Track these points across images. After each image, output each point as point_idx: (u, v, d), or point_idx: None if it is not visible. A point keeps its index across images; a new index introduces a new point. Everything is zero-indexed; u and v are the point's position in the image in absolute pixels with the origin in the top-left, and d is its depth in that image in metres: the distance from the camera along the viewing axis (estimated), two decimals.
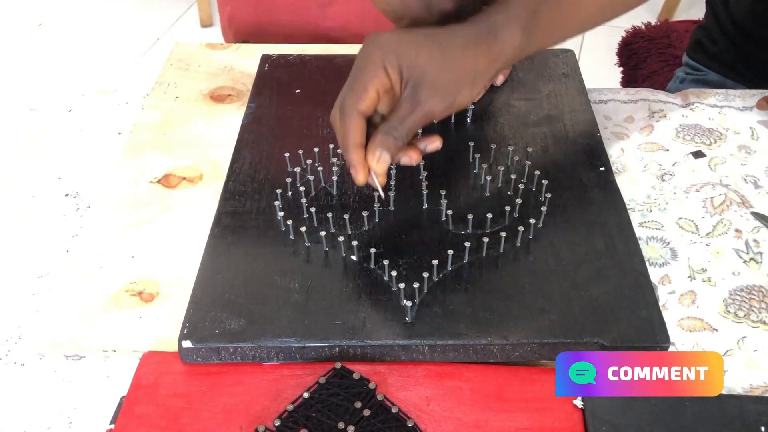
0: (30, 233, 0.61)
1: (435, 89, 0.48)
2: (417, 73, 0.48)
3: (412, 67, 0.48)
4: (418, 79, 0.48)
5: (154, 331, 0.52)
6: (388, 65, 0.47)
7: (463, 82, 0.49)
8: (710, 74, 0.97)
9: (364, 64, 0.48)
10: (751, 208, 0.61)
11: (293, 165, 0.62)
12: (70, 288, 0.55)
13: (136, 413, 0.46)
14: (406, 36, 0.49)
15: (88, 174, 0.66)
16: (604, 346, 0.48)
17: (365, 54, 0.48)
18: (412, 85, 0.48)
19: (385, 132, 0.49)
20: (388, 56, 0.47)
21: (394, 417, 0.45)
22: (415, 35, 0.49)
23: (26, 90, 1.74)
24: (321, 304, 0.51)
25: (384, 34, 0.48)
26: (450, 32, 0.49)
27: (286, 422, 0.45)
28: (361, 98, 0.48)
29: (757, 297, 0.54)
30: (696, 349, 0.51)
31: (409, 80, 0.48)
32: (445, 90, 0.49)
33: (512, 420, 0.46)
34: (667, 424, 0.44)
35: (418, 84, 0.48)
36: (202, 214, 0.60)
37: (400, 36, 0.49)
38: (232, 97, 0.74)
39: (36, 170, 0.67)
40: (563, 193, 0.59)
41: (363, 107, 0.48)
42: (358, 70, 0.48)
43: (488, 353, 0.49)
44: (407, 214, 0.58)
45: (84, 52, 2.18)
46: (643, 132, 0.70)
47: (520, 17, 0.50)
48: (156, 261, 0.57)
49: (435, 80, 0.48)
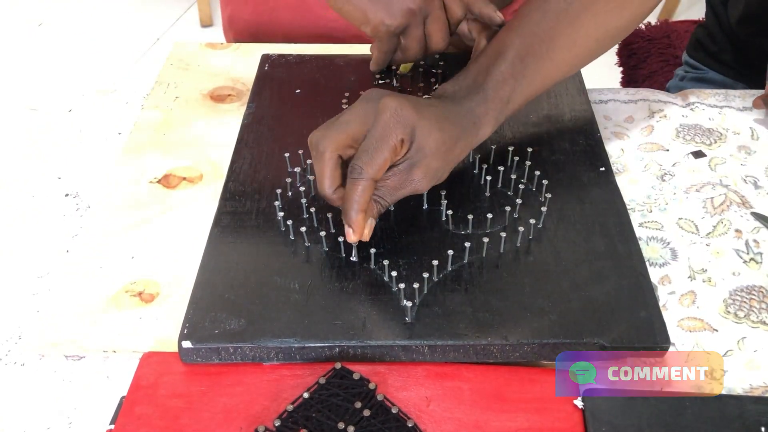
0: (30, 233, 0.61)
1: (427, 172, 0.51)
2: (420, 153, 0.50)
3: (419, 148, 0.50)
4: (417, 158, 0.51)
5: (154, 331, 0.52)
6: (406, 140, 0.50)
7: (447, 169, 0.54)
8: (710, 73, 0.97)
9: (387, 136, 0.49)
10: (751, 209, 0.61)
11: (293, 165, 0.62)
12: (70, 288, 0.55)
13: (136, 413, 0.46)
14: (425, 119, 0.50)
15: (88, 174, 0.66)
16: (604, 346, 0.48)
17: (388, 126, 0.49)
18: (410, 162, 0.51)
19: (375, 201, 0.51)
20: (407, 132, 0.49)
21: (394, 417, 0.45)
22: (429, 118, 0.51)
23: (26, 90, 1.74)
24: (321, 305, 0.51)
25: (406, 108, 0.49)
26: (450, 121, 0.52)
27: (286, 422, 0.45)
28: (381, 169, 0.50)
29: (757, 297, 0.54)
30: (696, 349, 0.51)
31: (410, 157, 0.51)
32: (434, 174, 0.52)
33: (512, 420, 0.46)
34: (667, 424, 0.44)
35: (415, 164, 0.51)
36: (202, 214, 0.60)
37: (421, 115, 0.50)
38: (232, 97, 0.74)
39: (36, 170, 0.67)
40: (563, 193, 0.59)
41: (378, 176, 0.50)
42: (380, 140, 0.49)
43: (488, 353, 0.49)
44: (407, 214, 0.58)
45: (84, 52, 2.18)
46: (643, 132, 0.70)
47: (496, 109, 0.55)
48: (156, 261, 0.57)
49: (431, 164, 0.51)
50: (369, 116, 0.50)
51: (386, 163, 0.49)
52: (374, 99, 0.51)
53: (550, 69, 0.58)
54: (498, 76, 0.55)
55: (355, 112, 0.51)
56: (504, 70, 0.55)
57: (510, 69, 0.55)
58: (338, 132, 0.50)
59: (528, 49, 0.56)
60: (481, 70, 0.56)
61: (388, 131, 0.49)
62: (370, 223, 0.51)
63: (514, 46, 0.56)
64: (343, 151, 0.51)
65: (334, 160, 0.51)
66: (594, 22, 0.58)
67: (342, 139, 0.50)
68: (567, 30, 0.57)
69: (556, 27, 0.57)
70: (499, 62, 0.55)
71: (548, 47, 0.57)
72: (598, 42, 0.60)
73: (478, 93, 0.54)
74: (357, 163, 0.49)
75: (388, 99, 0.50)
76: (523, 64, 0.56)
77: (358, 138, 0.50)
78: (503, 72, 0.55)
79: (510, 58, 0.55)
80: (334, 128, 0.51)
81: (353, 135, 0.50)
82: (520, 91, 0.56)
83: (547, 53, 0.57)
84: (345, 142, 0.51)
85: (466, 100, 0.54)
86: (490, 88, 0.55)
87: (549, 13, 0.57)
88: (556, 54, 0.57)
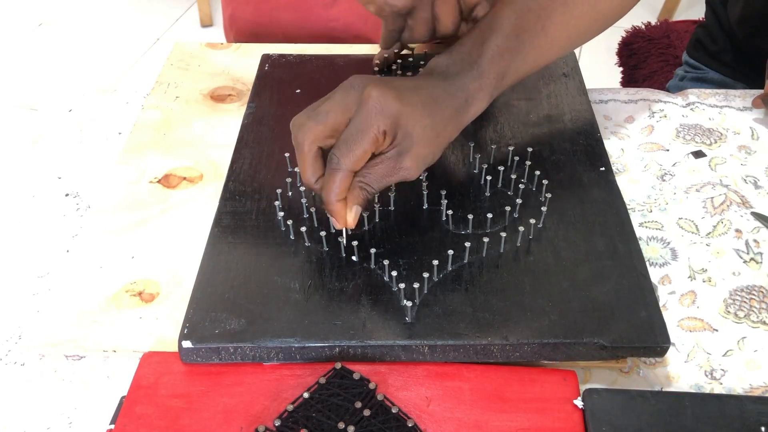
0: (30, 233, 0.61)
1: (417, 159, 0.50)
2: (407, 141, 0.50)
3: (406, 136, 0.49)
4: (405, 146, 0.50)
5: (154, 331, 0.52)
6: (389, 131, 0.49)
7: (438, 153, 0.53)
8: (710, 73, 0.97)
9: (367, 128, 0.48)
10: (751, 209, 0.61)
11: (293, 165, 0.62)
12: (70, 288, 0.55)
13: (136, 413, 0.46)
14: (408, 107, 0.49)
15: (88, 174, 0.66)
16: (604, 346, 0.48)
17: (369, 118, 0.48)
18: (398, 150, 0.50)
19: (361, 188, 0.50)
20: (389, 123, 0.48)
21: (394, 417, 0.45)
22: (415, 104, 0.50)
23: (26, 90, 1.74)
24: (321, 305, 0.51)
25: (389, 98, 0.48)
26: (439, 103, 0.51)
27: (286, 422, 0.45)
28: (359, 161, 0.49)
29: (757, 297, 0.54)
30: (696, 349, 0.51)
31: (397, 145, 0.50)
32: (424, 159, 0.51)
33: (512, 420, 0.46)
34: (667, 424, 0.44)
35: (403, 151, 0.50)
36: (202, 214, 0.60)
37: (404, 104, 0.49)
38: (232, 97, 0.74)
39: (36, 170, 0.67)
40: (563, 193, 0.59)
41: (357, 168, 0.49)
42: (360, 132, 0.48)
43: (488, 353, 0.49)
44: (407, 214, 0.58)
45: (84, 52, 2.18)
46: (643, 132, 0.70)
47: (490, 85, 0.54)
48: (156, 261, 0.57)
49: (419, 151, 0.50)
50: (350, 106, 0.49)
51: (365, 155, 0.49)
52: (356, 87, 0.49)
53: (545, 45, 0.57)
54: (493, 50, 0.54)
55: (335, 101, 0.50)
56: (500, 44, 0.54)
57: (505, 43, 0.54)
58: (317, 123, 0.49)
59: (523, 24, 0.55)
60: (475, 44, 0.55)
61: (370, 122, 0.48)
62: (355, 210, 0.51)
63: (509, 20, 0.55)
64: (323, 141, 0.50)
65: (313, 152, 0.50)
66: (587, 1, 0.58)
67: (320, 130, 0.49)
68: (561, 7, 0.57)
69: (551, 4, 0.56)
70: (495, 36, 0.54)
71: (543, 24, 0.56)
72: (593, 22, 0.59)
73: (472, 68, 0.53)
74: (335, 152, 0.49)
75: (371, 88, 0.48)
76: (518, 39, 0.55)
77: (338, 128, 0.49)
78: (499, 46, 0.54)
79: (505, 32, 0.55)
80: (313, 118, 0.50)
81: (333, 126, 0.49)
82: (515, 67, 0.55)
83: (543, 29, 0.56)
84: (323, 134, 0.50)
85: (459, 76, 0.53)
86: (485, 62, 0.53)
87: None
88: (551, 30, 0.56)
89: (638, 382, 0.50)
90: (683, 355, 0.51)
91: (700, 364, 0.50)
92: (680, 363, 0.51)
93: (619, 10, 0.62)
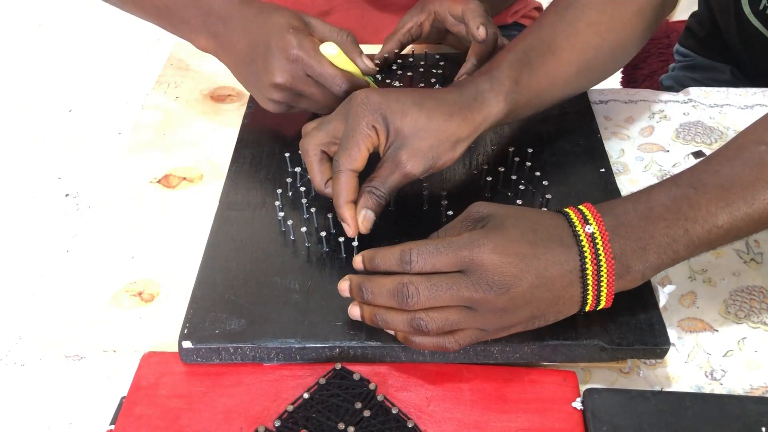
0: (30, 233, 0.61)
1: (415, 153, 0.52)
2: (400, 136, 0.52)
3: (397, 131, 0.51)
4: (400, 142, 0.52)
5: (154, 331, 0.52)
6: (378, 126, 0.51)
7: (443, 147, 0.53)
8: (698, 59, 0.97)
9: (356, 125, 0.51)
10: None
11: (293, 165, 0.62)
12: (70, 288, 0.55)
13: (136, 414, 0.46)
14: (394, 101, 0.52)
15: (88, 174, 0.66)
16: (604, 347, 0.48)
17: (356, 115, 0.51)
18: (395, 147, 0.52)
19: (369, 192, 0.52)
20: (377, 118, 0.51)
21: (394, 418, 0.45)
22: (403, 101, 0.52)
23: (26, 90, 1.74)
24: (321, 305, 0.51)
25: (373, 95, 0.52)
26: (437, 99, 0.53)
27: (286, 423, 0.45)
28: (356, 159, 0.51)
29: (757, 298, 0.54)
30: (696, 349, 0.51)
31: (393, 142, 0.52)
32: (425, 154, 0.52)
33: (512, 421, 0.46)
34: (668, 424, 0.44)
35: (400, 147, 0.52)
36: (202, 214, 0.60)
37: (389, 100, 0.52)
38: (232, 97, 0.74)
39: (36, 170, 0.67)
40: (563, 194, 0.59)
41: (356, 166, 0.51)
42: (351, 131, 0.51)
43: (488, 354, 0.49)
44: (407, 214, 0.58)
45: (84, 52, 2.18)
46: (643, 132, 0.70)
47: (504, 86, 0.55)
48: (156, 261, 0.57)
49: (416, 144, 0.51)
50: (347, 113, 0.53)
51: (361, 152, 0.51)
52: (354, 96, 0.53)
53: (553, 65, 0.58)
54: (504, 64, 0.56)
55: (337, 110, 0.54)
56: (510, 59, 0.56)
57: (515, 58, 0.57)
58: (318, 131, 0.54)
59: (531, 47, 0.58)
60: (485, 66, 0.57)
61: (357, 119, 0.51)
62: (366, 214, 0.51)
63: (516, 47, 0.58)
64: (326, 147, 0.54)
65: (318, 157, 0.53)
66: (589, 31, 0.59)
67: (321, 136, 0.53)
68: (564, 33, 0.59)
69: (555, 31, 0.59)
70: (505, 56, 0.57)
71: (549, 45, 0.58)
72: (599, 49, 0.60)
73: (482, 75, 0.56)
74: (335, 156, 0.52)
75: (358, 92, 0.52)
76: (527, 56, 0.57)
77: (338, 134, 0.53)
78: (509, 60, 0.56)
79: (514, 52, 0.57)
80: (316, 127, 0.54)
81: (333, 132, 0.53)
82: (527, 76, 0.56)
83: (549, 49, 0.58)
84: (325, 140, 0.53)
85: (470, 83, 0.55)
86: (495, 70, 0.56)
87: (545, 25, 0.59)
88: (558, 52, 0.58)
89: (638, 382, 0.50)
90: (683, 356, 0.51)
91: (701, 365, 0.50)
92: (680, 363, 0.51)
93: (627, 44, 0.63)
